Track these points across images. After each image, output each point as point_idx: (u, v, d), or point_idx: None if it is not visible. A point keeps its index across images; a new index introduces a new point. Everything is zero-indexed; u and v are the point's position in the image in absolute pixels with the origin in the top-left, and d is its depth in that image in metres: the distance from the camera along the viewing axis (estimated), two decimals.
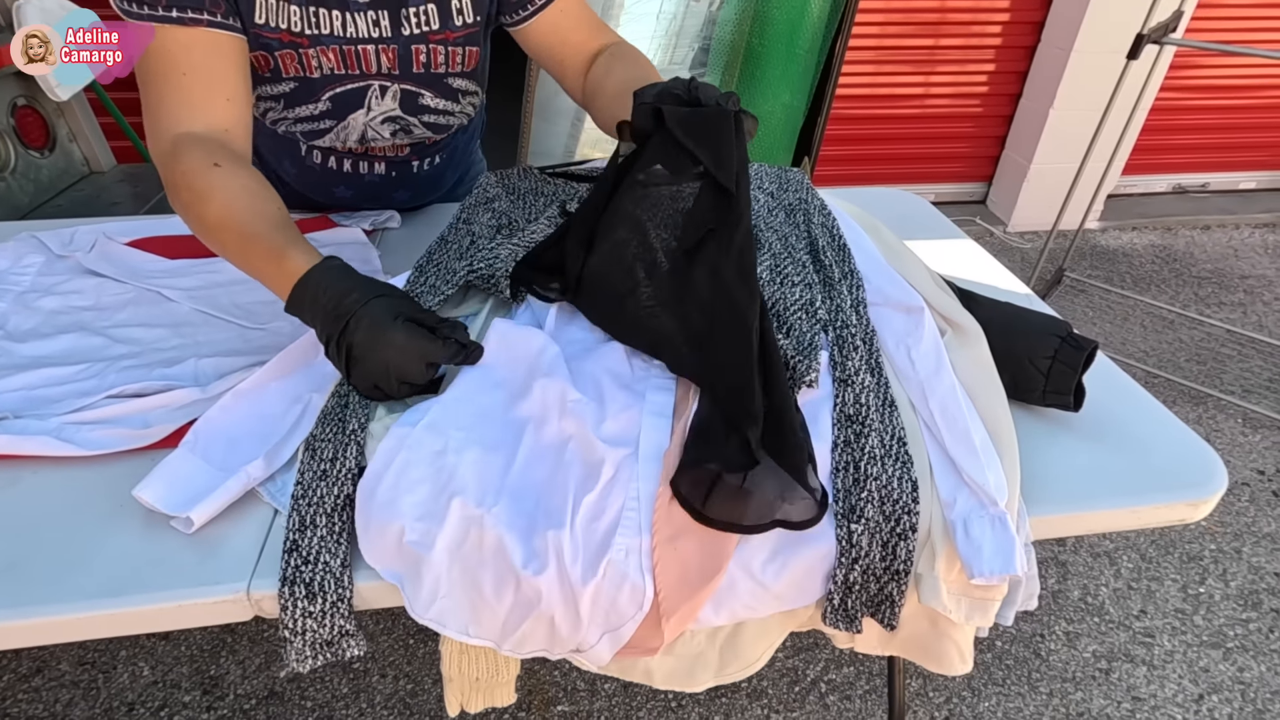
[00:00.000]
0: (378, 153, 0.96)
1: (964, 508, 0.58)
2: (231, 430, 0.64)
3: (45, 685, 1.28)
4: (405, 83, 0.85)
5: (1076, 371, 0.69)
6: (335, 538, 0.56)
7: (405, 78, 0.85)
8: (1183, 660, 1.39)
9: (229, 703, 1.26)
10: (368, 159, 0.96)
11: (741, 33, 1.96)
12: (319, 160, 0.95)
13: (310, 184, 1.00)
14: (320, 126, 0.87)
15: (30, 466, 0.64)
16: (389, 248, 0.99)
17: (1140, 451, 0.69)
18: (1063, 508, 0.64)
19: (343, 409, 0.62)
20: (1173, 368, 2.18)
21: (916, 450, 0.61)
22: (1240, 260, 2.85)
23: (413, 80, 0.85)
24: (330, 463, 0.58)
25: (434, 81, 0.86)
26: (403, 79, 0.85)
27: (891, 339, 0.70)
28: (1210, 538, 1.65)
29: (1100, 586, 1.53)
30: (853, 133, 2.91)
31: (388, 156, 0.97)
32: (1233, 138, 3.18)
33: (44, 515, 0.60)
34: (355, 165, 0.96)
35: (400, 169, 0.99)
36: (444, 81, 0.87)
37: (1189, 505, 0.65)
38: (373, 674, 1.31)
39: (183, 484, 0.59)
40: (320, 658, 0.56)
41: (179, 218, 0.71)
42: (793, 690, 1.31)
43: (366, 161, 0.96)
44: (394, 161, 0.98)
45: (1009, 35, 2.79)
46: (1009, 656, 1.39)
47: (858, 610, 0.59)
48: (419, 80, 0.85)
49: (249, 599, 0.55)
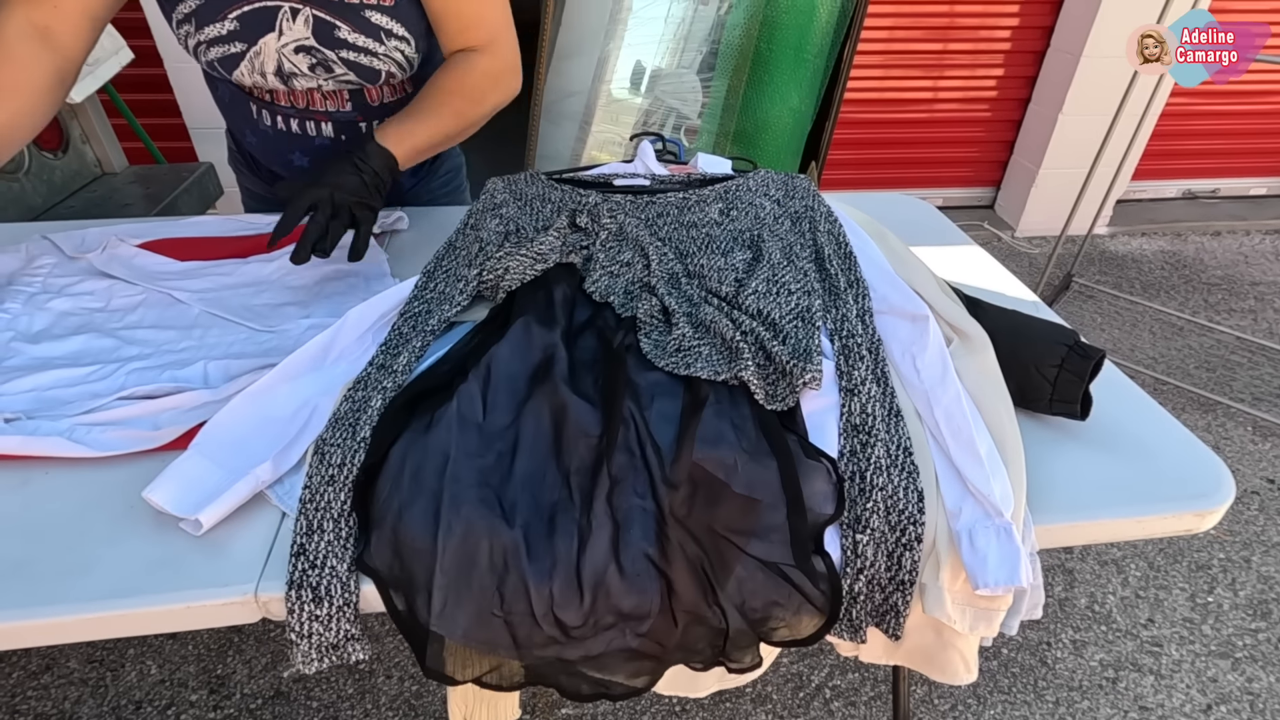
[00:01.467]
0: (318, 106, 0.95)
1: (969, 518, 0.58)
2: (239, 433, 0.65)
3: (54, 683, 1.29)
4: (316, 8, 0.84)
5: (1084, 380, 0.68)
6: (342, 543, 0.56)
7: (316, 1, 0.84)
8: (1191, 670, 1.38)
9: (235, 702, 1.27)
10: (311, 117, 0.96)
11: (750, 37, 1.96)
12: (269, 123, 0.97)
13: (268, 152, 1.02)
14: (232, 50, 0.86)
15: (41, 467, 0.65)
16: (396, 251, 0.99)
17: (1147, 460, 0.69)
18: (1068, 517, 0.63)
19: (355, 413, 0.62)
20: (1182, 375, 2.16)
21: (922, 460, 0.61)
22: (1251, 266, 2.83)
23: (324, 7, 0.84)
24: (339, 468, 0.58)
25: (348, 12, 0.85)
26: (313, 3, 0.84)
27: (897, 347, 0.70)
28: (1219, 546, 1.64)
29: (1108, 595, 1.52)
30: (860, 137, 2.91)
31: (330, 114, 0.96)
32: (1243, 143, 3.16)
33: (54, 516, 0.61)
34: (302, 125, 0.97)
35: (349, 131, 0.99)
36: (360, 14, 0.86)
37: (1196, 515, 0.65)
38: (378, 675, 1.32)
39: (192, 486, 0.60)
40: (326, 661, 0.56)
41: (189, 221, 0.73)
42: (797, 696, 1.31)
43: (312, 121, 0.96)
44: (341, 122, 0.97)
45: (1018, 40, 2.78)
46: (1015, 664, 1.38)
47: (862, 620, 0.59)
48: (331, 8, 0.84)
49: (257, 601, 0.55)
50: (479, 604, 0.55)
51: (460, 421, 0.61)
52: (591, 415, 0.62)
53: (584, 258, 0.78)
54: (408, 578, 0.55)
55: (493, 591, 0.55)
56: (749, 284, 0.72)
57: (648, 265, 0.76)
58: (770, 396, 0.63)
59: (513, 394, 0.64)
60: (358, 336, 0.73)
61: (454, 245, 0.82)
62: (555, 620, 0.55)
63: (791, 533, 0.57)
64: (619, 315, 0.72)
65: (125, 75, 1.83)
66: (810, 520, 0.58)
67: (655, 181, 0.93)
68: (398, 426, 0.61)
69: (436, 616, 0.54)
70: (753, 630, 0.57)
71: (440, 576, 0.54)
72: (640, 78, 2.27)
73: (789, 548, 0.57)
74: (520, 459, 0.60)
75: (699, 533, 0.57)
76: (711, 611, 0.56)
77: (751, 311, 0.69)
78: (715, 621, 0.56)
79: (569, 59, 2.28)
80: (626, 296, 0.74)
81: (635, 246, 0.79)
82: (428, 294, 0.75)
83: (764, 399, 0.62)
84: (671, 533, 0.56)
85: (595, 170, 0.97)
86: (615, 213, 0.83)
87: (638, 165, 0.98)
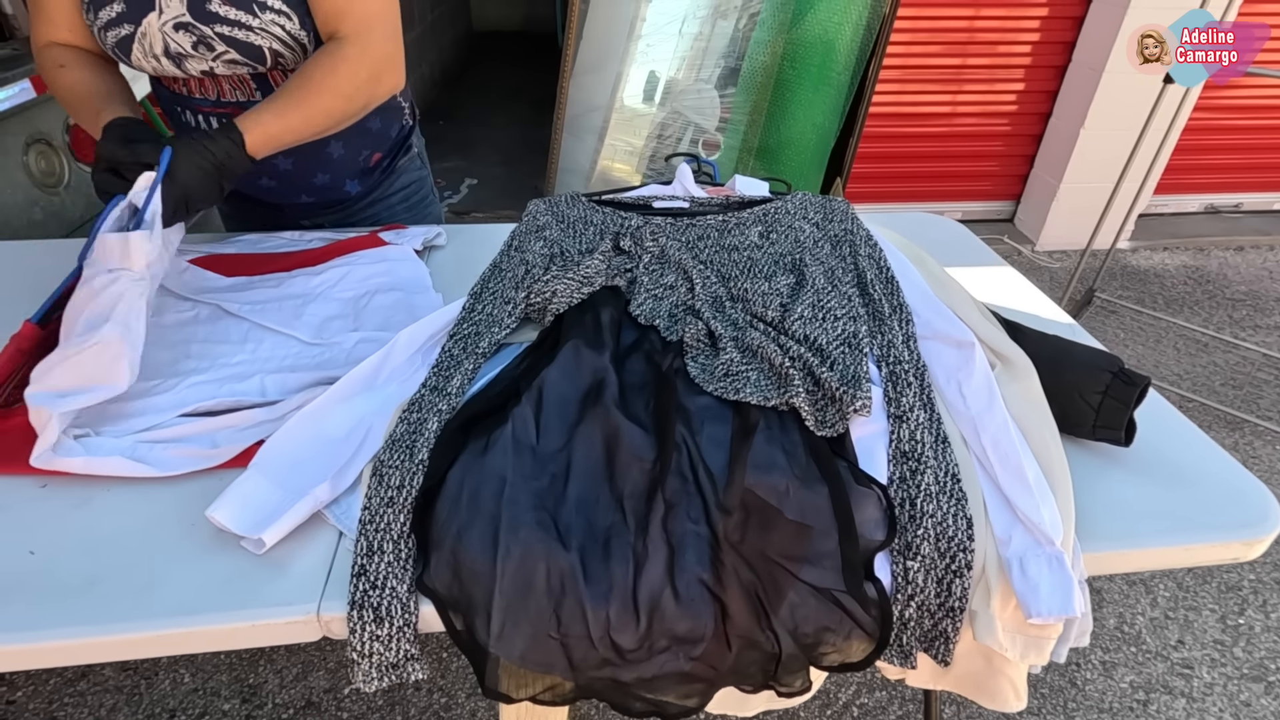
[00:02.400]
0: (228, 97, 0.95)
1: (1019, 545, 0.58)
2: (297, 452, 0.66)
3: (90, 690, 1.31)
4: None
5: (1129, 407, 0.69)
6: (402, 564, 0.57)
7: None
8: (1223, 693, 1.37)
9: (267, 711, 1.29)
10: (227, 111, 0.95)
11: (775, 55, 1.98)
12: (193, 123, 0.99)
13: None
14: (124, 32, 0.88)
15: (102, 485, 0.66)
16: (435, 268, 1.01)
17: (1192, 487, 0.69)
18: (1116, 544, 0.64)
19: (411, 435, 0.64)
20: (1208, 392, 2.15)
21: (970, 486, 0.62)
22: (1275, 282, 2.80)
23: None
24: (397, 490, 0.60)
25: None
26: None
27: (942, 373, 0.71)
28: (1249, 567, 1.62)
29: (1137, 615, 1.51)
30: (880, 150, 2.92)
31: (243, 105, 0.95)
32: (1267, 158, 3.14)
33: (118, 534, 0.62)
34: (222, 122, 0.92)
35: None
36: None
37: (1244, 544, 0.65)
38: (407, 687, 1.33)
39: (253, 505, 0.61)
40: (386, 680, 0.58)
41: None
42: (825, 714, 1.31)
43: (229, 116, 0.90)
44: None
45: (1039, 55, 2.79)
46: (1044, 685, 1.37)
47: (912, 645, 0.60)
48: None
49: (319, 620, 0.57)
50: (536, 626, 0.56)
51: (515, 444, 0.62)
52: (643, 439, 0.63)
53: (628, 280, 0.80)
54: (466, 599, 0.56)
55: (550, 614, 0.56)
56: (794, 309, 0.73)
57: (691, 289, 0.78)
58: (820, 423, 0.64)
59: (564, 417, 0.66)
60: (408, 357, 0.75)
61: (499, 267, 0.84)
62: (611, 643, 0.55)
63: (843, 559, 0.57)
64: (665, 338, 0.73)
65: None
66: (861, 546, 0.58)
67: (694, 204, 0.94)
68: (454, 449, 0.62)
69: (495, 638, 0.55)
70: (804, 655, 0.58)
71: (499, 598, 0.55)
72: (654, 89, 2.29)
73: (840, 573, 0.57)
74: (574, 482, 0.61)
75: (752, 558, 0.57)
76: (765, 636, 0.57)
77: (798, 337, 0.70)
78: (768, 646, 0.57)
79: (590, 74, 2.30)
80: (671, 320, 0.75)
81: (678, 270, 0.80)
82: (476, 316, 0.76)
83: (814, 425, 0.63)
84: (725, 558, 0.57)
85: (635, 192, 0.99)
86: (657, 235, 0.84)
87: (676, 187, 0.99)
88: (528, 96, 4.55)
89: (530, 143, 3.73)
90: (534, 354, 0.73)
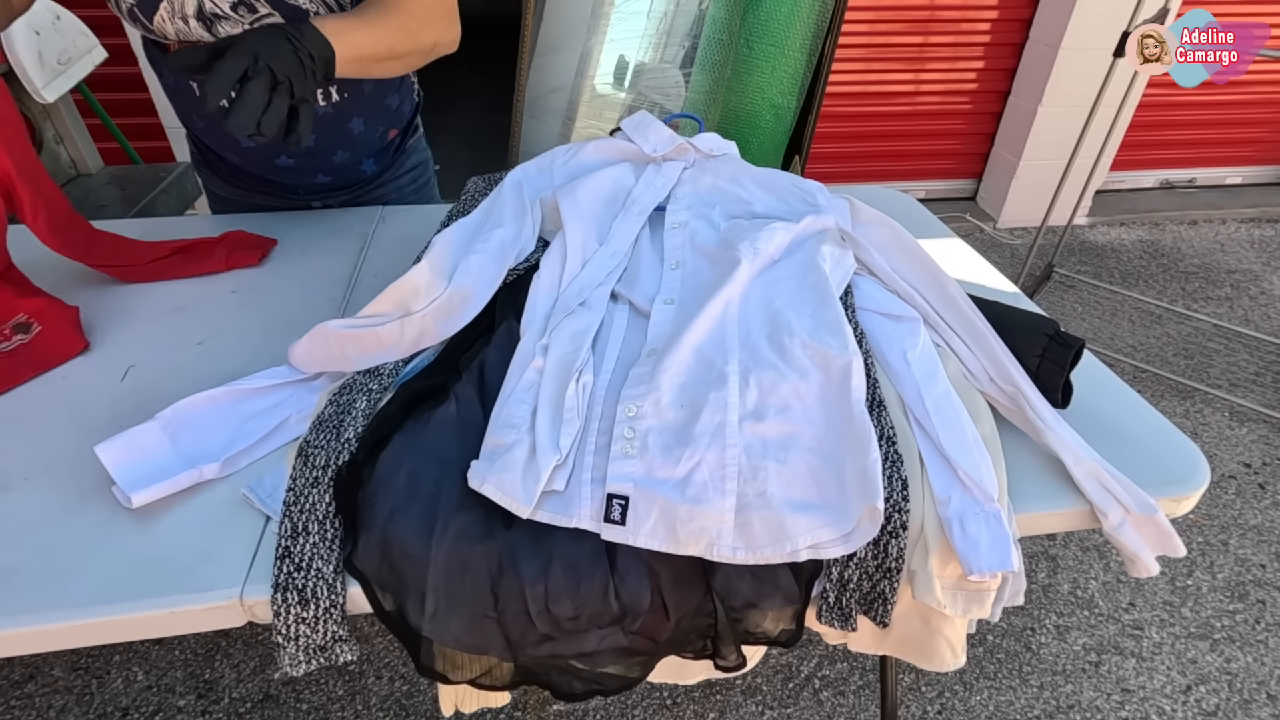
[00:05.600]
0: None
1: (959, 505, 0.59)
2: (206, 421, 0.65)
3: (38, 692, 1.28)
4: None
5: (1064, 369, 0.69)
6: (328, 544, 0.56)
7: None
8: (1171, 652, 1.41)
9: (224, 706, 1.26)
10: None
11: (731, 32, 1.96)
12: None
13: (216, 135, 0.98)
14: None
15: (19, 472, 0.64)
16: (376, 251, 0.99)
17: (1125, 447, 0.70)
18: (1048, 505, 0.64)
19: (339, 416, 0.62)
20: (1160, 362, 2.20)
21: (907, 449, 0.62)
22: (1227, 255, 2.87)
23: None
24: (323, 470, 0.58)
25: None
26: None
27: (885, 340, 0.71)
28: (1198, 530, 1.67)
29: (1090, 580, 1.55)
30: (842, 130, 2.92)
31: None
32: (1219, 133, 3.21)
33: (34, 522, 0.60)
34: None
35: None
36: None
37: (1172, 501, 0.66)
38: (368, 676, 1.31)
39: (142, 457, 0.60)
40: (314, 662, 0.56)
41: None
42: (787, 686, 1.32)
43: None
44: None
45: (998, 32, 2.80)
46: (1000, 650, 1.40)
47: (851, 608, 0.60)
48: None
49: (242, 605, 0.55)
50: (472, 608, 0.55)
51: (459, 424, 0.61)
52: None
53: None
54: (398, 580, 0.55)
55: (487, 594, 0.55)
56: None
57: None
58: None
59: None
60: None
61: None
62: (549, 615, 0.55)
63: None
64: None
65: (99, 74, 1.80)
66: None
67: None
68: (388, 428, 0.61)
69: (429, 620, 0.54)
70: (732, 627, 0.58)
71: (432, 580, 0.54)
72: (624, 72, 2.27)
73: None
74: None
75: None
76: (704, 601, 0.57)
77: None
78: (706, 614, 0.57)
79: (551, 54, 2.26)
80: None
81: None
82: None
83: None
84: None
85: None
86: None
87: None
88: (492, 82, 4.48)
89: (493, 128, 3.68)
90: (470, 332, 0.71)
